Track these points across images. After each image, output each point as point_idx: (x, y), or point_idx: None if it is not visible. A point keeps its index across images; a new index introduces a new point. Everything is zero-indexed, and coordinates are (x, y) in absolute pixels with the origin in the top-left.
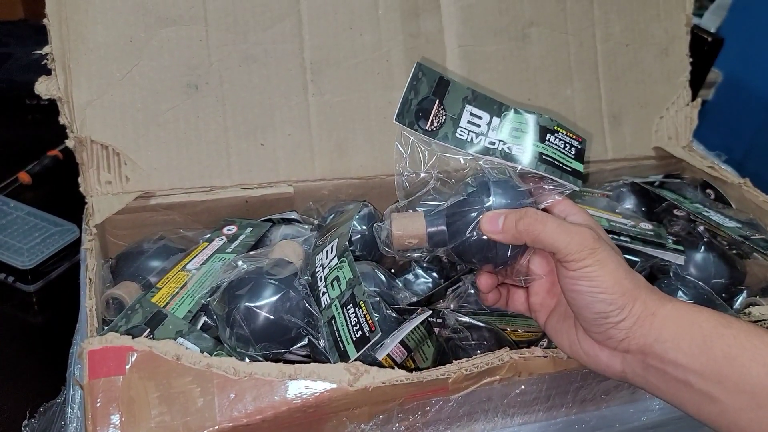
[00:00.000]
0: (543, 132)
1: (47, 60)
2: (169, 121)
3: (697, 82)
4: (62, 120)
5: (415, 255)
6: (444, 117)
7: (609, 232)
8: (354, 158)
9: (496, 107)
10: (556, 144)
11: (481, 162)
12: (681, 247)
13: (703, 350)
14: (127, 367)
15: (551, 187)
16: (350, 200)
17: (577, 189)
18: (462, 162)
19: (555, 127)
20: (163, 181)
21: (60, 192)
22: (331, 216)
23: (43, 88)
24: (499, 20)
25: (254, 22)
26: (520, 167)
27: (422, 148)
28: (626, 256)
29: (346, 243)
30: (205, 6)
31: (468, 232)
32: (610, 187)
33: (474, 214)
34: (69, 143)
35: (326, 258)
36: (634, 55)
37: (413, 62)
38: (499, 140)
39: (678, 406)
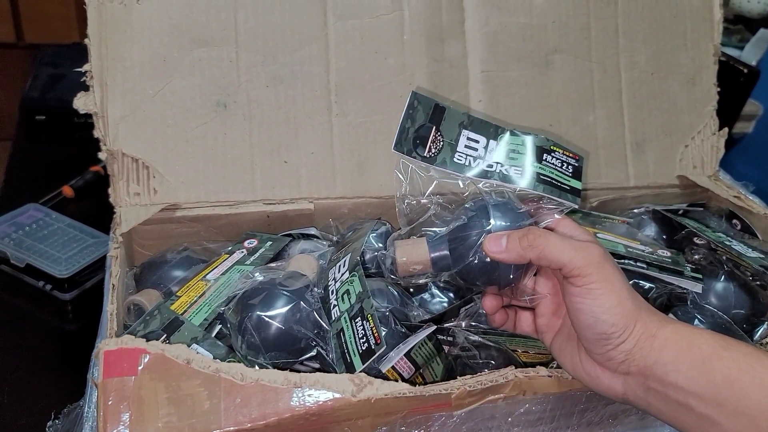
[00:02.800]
0: (540, 152)
1: (86, 77)
2: (198, 137)
3: (732, 114)
4: (96, 133)
5: (421, 281)
6: (441, 143)
7: (625, 257)
8: (374, 178)
9: (492, 130)
10: (553, 163)
11: (480, 185)
12: (699, 275)
13: (703, 373)
14: (140, 368)
15: (550, 206)
16: (369, 218)
17: (576, 206)
18: (461, 186)
19: (551, 147)
20: (189, 194)
21: (99, 206)
22: (350, 233)
23: (81, 103)
24: (523, 47)
25: (283, 44)
26: (518, 189)
27: (421, 175)
28: (641, 282)
29: (358, 258)
30: (237, 28)
31: (471, 255)
32: (631, 215)
33: (475, 238)
34: (102, 155)
35: (338, 272)
36: (659, 83)
37: (436, 86)
38: (497, 163)
39: (680, 428)
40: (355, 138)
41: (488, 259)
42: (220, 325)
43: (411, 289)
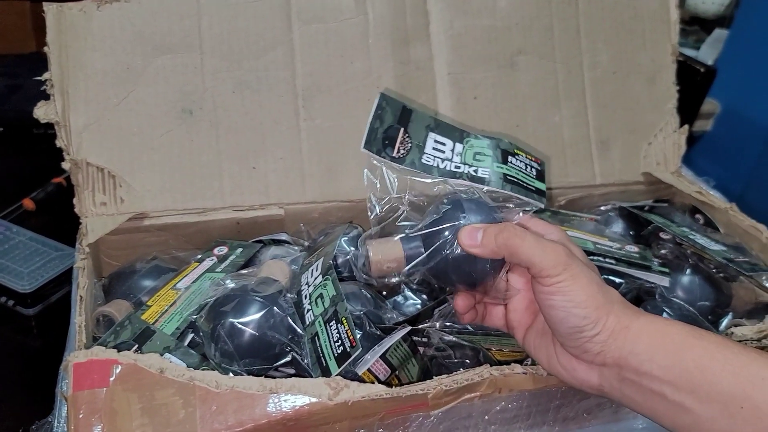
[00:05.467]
0: (504, 155)
1: (46, 86)
2: (164, 145)
3: (691, 112)
4: (59, 143)
5: (394, 280)
6: (409, 144)
7: (594, 254)
8: (344, 182)
9: (457, 134)
10: (518, 166)
11: (450, 182)
12: (666, 270)
13: (676, 361)
14: (111, 379)
15: (518, 206)
16: (340, 222)
17: (542, 206)
18: (431, 185)
19: (515, 150)
20: (157, 202)
21: (62, 218)
22: (321, 238)
23: (42, 112)
24: (488, 48)
25: (248, 50)
26: (487, 188)
27: (391, 175)
28: (611, 277)
29: (331, 261)
30: (201, 35)
31: (446, 250)
32: (598, 212)
33: (449, 232)
34: (65, 165)
35: (311, 276)
36: (621, 83)
37: (404, 88)
38: (464, 164)
39: (654, 418)
40: (324, 142)
41: (463, 254)
42: (193, 334)
43: (384, 293)
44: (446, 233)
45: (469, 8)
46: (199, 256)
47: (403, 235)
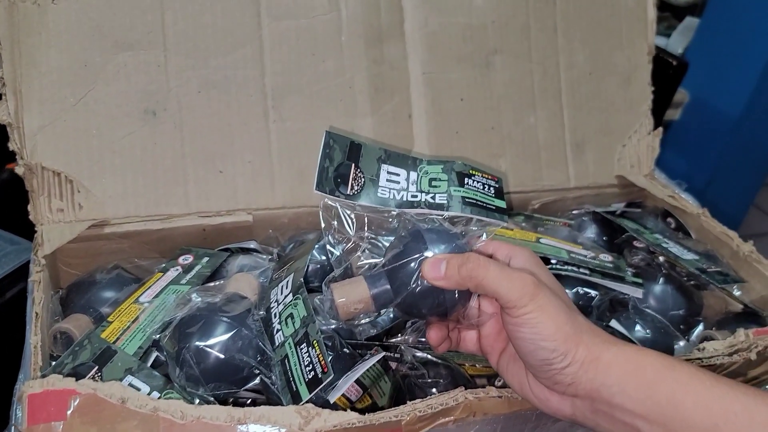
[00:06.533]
0: (461, 177)
1: None
2: (125, 147)
3: (662, 106)
4: (12, 146)
5: (363, 321)
6: (363, 179)
7: (568, 263)
8: None
9: (410, 162)
10: (475, 186)
11: (409, 214)
12: (640, 280)
13: (649, 395)
14: (69, 412)
15: (480, 228)
16: (310, 228)
17: (505, 224)
18: (389, 218)
19: (471, 171)
20: (118, 209)
21: (18, 208)
22: (291, 246)
23: None
24: (464, 47)
25: (215, 47)
26: (447, 213)
27: (348, 213)
28: (585, 288)
29: (301, 279)
30: (164, 31)
31: (412, 283)
32: (572, 216)
33: (414, 265)
34: (18, 170)
35: (281, 294)
36: (597, 83)
37: (377, 88)
38: (421, 192)
39: None
40: (295, 144)
41: (430, 286)
42: (156, 353)
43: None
44: (410, 266)
45: (444, 5)
46: (163, 266)
47: (367, 273)
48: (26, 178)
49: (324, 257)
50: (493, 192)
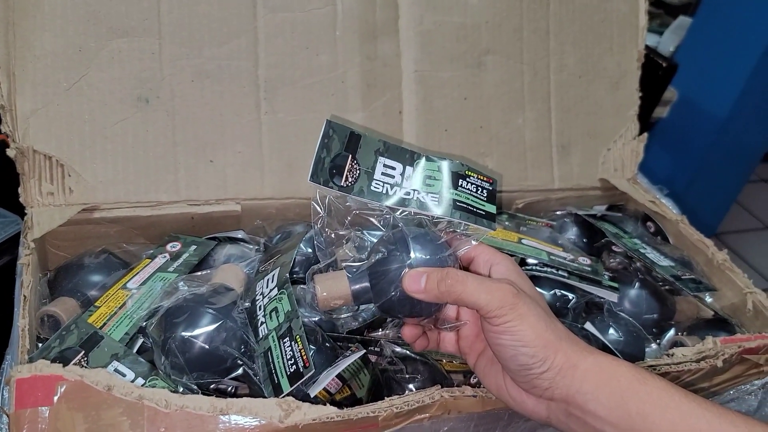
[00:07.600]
0: (455, 178)
1: None
2: (117, 133)
3: (650, 107)
4: (4, 128)
5: (343, 315)
6: (358, 171)
7: (548, 265)
8: (304, 178)
9: (408, 156)
10: (468, 189)
11: (397, 214)
12: (616, 284)
13: (620, 404)
14: (56, 397)
15: (467, 232)
16: (298, 220)
17: (492, 231)
18: (377, 218)
19: (466, 172)
20: (108, 194)
21: (5, 180)
22: (278, 236)
23: None
24: (457, 47)
25: (210, 37)
26: (435, 216)
27: (339, 205)
28: (562, 291)
29: (287, 274)
30: (160, 19)
31: (392, 290)
32: (554, 217)
33: (396, 273)
34: (10, 153)
35: (267, 287)
36: (586, 87)
37: (369, 84)
38: (414, 190)
39: None
40: (285, 137)
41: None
42: (143, 339)
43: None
44: (392, 274)
45: (440, 4)
46: (151, 252)
47: (350, 271)
48: (17, 161)
49: (310, 250)
50: (485, 195)
